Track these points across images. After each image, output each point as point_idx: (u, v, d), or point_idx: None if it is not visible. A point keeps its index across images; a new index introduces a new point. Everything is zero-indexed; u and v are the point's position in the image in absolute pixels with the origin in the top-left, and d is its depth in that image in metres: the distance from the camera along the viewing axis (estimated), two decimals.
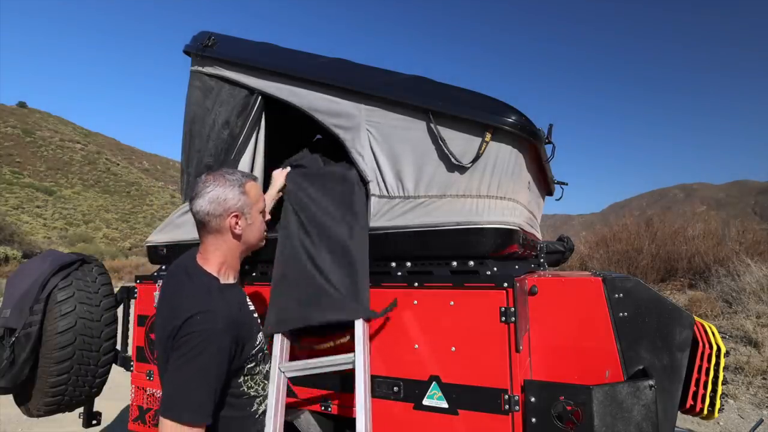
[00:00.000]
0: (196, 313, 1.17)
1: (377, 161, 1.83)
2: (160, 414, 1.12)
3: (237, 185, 1.33)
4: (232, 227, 1.32)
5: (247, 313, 1.37)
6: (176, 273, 1.35)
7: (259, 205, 1.41)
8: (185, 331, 1.15)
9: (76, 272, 2.18)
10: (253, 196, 1.38)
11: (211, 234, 1.32)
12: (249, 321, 1.36)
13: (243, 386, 1.32)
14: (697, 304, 6.68)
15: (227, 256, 1.35)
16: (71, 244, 38.37)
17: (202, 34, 2.28)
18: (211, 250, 1.33)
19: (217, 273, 1.33)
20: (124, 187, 71.07)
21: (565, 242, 3.08)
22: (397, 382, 1.66)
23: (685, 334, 1.72)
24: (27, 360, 1.97)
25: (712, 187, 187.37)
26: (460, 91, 1.73)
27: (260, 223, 1.43)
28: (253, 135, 2.14)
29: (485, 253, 1.65)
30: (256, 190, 1.41)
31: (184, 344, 1.14)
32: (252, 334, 1.34)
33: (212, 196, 1.29)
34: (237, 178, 1.35)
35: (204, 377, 1.14)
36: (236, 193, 1.32)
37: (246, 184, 1.36)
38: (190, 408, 1.11)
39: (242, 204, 1.33)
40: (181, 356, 1.13)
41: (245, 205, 1.34)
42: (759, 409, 4.17)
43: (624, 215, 11.44)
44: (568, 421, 1.46)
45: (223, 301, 1.25)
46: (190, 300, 1.22)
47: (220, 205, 1.29)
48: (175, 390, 1.13)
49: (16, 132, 67.87)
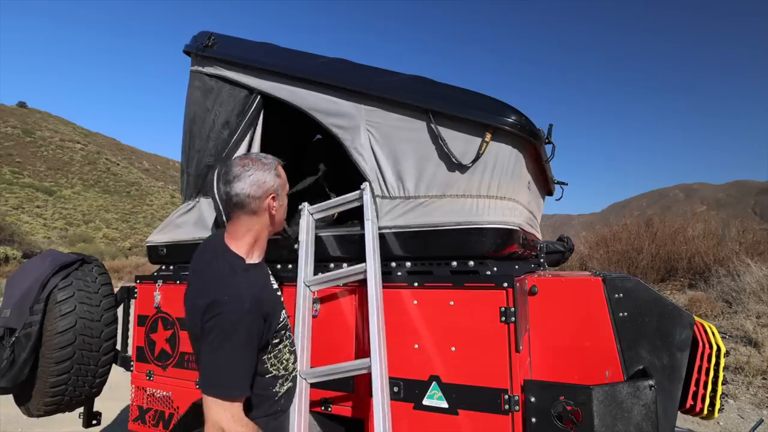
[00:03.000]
0: (223, 296, 1.22)
1: (377, 161, 1.84)
2: (205, 393, 1.17)
3: (272, 168, 1.40)
4: (270, 208, 1.39)
5: (271, 291, 1.41)
6: (206, 249, 1.40)
7: (287, 188, 1.48)
8: (213, 312, 1.19)
9: (76, 272, 2.18)
10: (283, 178, 1.45)
11: (246, 215, 1.37)
12: (273, 298, 1.39)
13: (267, 363, 1.35)
14: (697, 304, 6.68)
15: (259, 235, 1.40)
16: (71, 244, 38.37)
17: (202, 34, 2.28)
18: (243, 231, 1.37)
19: (245, 253, 1.37)
20: (124, 187, 71.06)
21: (565, 242, 3.08)
22: (397, 382, 1.66)
23: (685, 334, 1.72)
24: (27, 360, 1.97)
25: (712, 187, 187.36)
26: (460, 91, 1.73)
27: (286, 206, 1.50)
28: (248, 133, 2.14)
29: (485, 253, 1.65)
30: (283, 173, 1.47)
31: (216, 326, 1.19)
32: (276, 310, 1.38)
33: (253, 179, 1.34)
34: (270, 162, 1.41)
35: (242, 353, 1.20)
36: (272, 175, 1.39)
37: (278, 167, 1.43)
38: (235, 384, 1.18)
39: (277, 186, 1.40)
40: (215, 338, 1.18)
41: (279, 186, 1.41)
42: (759, 409, 4.17)
43: (624, 215, 11.44)
44: (568, 421, 1.46)
45: (247, 281, 1.29)
46: (216, 280, 1.27)
47: (260, 188, 1.35)
48: (218, 369, 1.18)
49: (16, 132, 67.86)
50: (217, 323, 1.19)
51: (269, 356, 1.36)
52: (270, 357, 1.36)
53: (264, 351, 1.33)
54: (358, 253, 1.86)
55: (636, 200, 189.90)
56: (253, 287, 1.30)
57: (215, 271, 1.30)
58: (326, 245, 1.93)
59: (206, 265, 1.33)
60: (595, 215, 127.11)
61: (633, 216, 11.56)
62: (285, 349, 1.43)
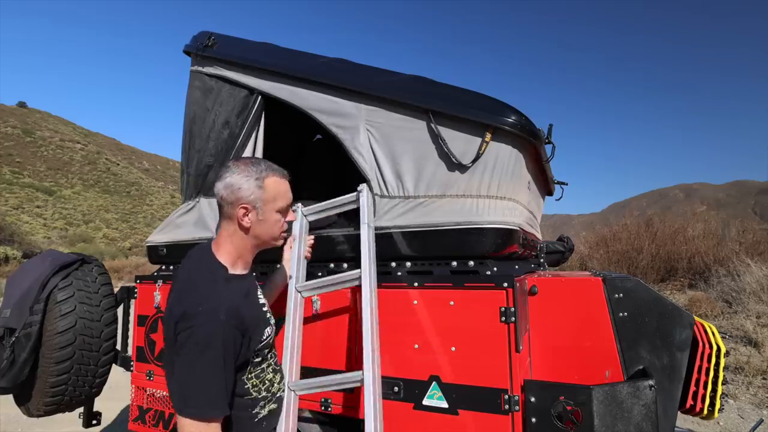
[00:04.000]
0: (197, 306, 1.15)
1: (377, 161, 1.83)
2: (178, 412, 1.10)
3: (255, 177, 1.27)
4: (240, 218, 1.28)
5: (254, 305, 1.34)
6: (193, 254, 1.34)
7: (277, 204, 1.32)
8: (187, 324, 1.13)
9: (76, 272, 2.18)
10: (270, 192, 1.30)
11: (224, 220, 1.31)
12: (256, 314, 1.31)
13: (247, 383, 1.28)
14: (697, 304, 6.68)
15: (238, 246, 1.32)
16: (71, 244, 38.38)
17: (202, 34, 2.28)
18: (224, 236, 1.31)
19: (228, 262, 1.30)
20: (124, 187, 71.06)
21: (565, 242, 3.08)
22: (397, 382, 1.66)
23: (685, 334, 1.72)
24: (27, 360, 1.97)
25: (712, 187, 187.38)
26: (460, 91, 1.73)
27: (275, 222, 1.34)
28: (253, 135, 2.14)
29: (485, 253, 1.65)
30: (276, 186, 1.32)
31: (189, 340, 1.11)
32: (259, 327, 1.30)
33: (228, 181, 1.26)
34: (259, 170, 1.29)
35: (217, 370, 1.12)
36: (252, 185, 1.27)
37: (267, 178, 1.29)
38: (211, 403, 1.10)
39: (255, 198, 1.27)
40: (189, 353, 1.11)
41: (258, 199, 1.28)
42: (759, 409, 4.17)
43: (624, 215, 11.44)
44: (568, 421, 1.46)
45: (227, 291, 1.22)
46: (193, 289, 1.20)
47: (233, 193, 1.26)
48: (192, 387, 1.11)
49: (16, 132, 67.85)
50: (191, 336, 1.11)
51: (249, 375, 1.28)
52: (250, 377, 1.29)
53: (243, 370, 1.26)
54: (358, 254, 1.86)
55: (636, 200, 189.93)
56: (232, 299, 1.21)
57: (194, 279, 1.24)
58: (326, 245, 1.93)
59: (187, 272, 1.27)
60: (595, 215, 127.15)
61: (633, 216, 11.56)
62: (268, 369, 1.36)
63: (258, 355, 1.30)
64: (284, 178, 1.36)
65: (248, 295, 1.32)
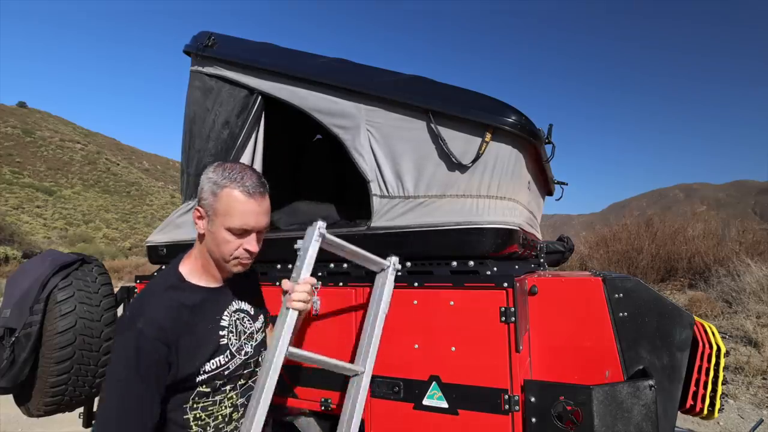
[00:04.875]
0: (125, 314, 1.09)
1: (377, 161, 1.83)
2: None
3: (214, 182, 1.14)
4: (195, 220, 1.19)
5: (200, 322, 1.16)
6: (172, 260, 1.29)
7: (227, 221, 1.13)
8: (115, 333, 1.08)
9: (76, 272, 2.17)
10: (221, 206, 1.13)
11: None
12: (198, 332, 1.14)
13: (189, 414, 1.13)
14: (697, 304, 6.69)
15: (201, 255, 1.22)
16: (71, 244, 38.40)
17: (202, 34, 2.28)
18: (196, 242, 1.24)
19: (188, 269, 1.22)
20: (124, 187, 71.09)
21: (565, 242, 3.08)
22: (397, 382, 1.66)
23: (685, 334, 1.72)
24: (27, 360, 1.97)
25: (712, 187, 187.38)
26: (460, 91, 1.73)
27: (223, 241, 1.15)
28: (253, 135, 2.14)
29: (485, 253, 1.65)
30: (231, 201, 1.13)
31: (113, 349, 1.06)
32: (199, 349, 1.13)
33: (202, 178, 1.17)
34: (224, 176, 1.14)
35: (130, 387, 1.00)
36: (208, 188, 1.15)
37: (225, 188, 1.13)
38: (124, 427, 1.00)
39: (207, 204, 1.15)
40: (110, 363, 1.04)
41: (210, 208, 1.15)
42: (759, 409, 4.17)
43: (624, 215, 11.45)
44: (568, 421, 1.46)
45: (158, 299, 1.12)
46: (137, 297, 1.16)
47: (199, 191, 1.17)
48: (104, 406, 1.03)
49: (16, 132, 67.87)
50: (114, 345, 1.04)
51: (194, 406, 1.14)
52: (195, 407, 1.14)
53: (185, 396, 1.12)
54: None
55: (636, 200, 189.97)
56: (158, 308, 1.09)
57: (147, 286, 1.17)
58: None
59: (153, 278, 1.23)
60: (595, 215, 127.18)
61: (633, 216, 11.57)
62: (224, 403, 1.20)
63: (208, 385, 1.15)
64: (250, 196, 1.14)
65: (194, 310, 1.16)
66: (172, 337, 1.07)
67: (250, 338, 1.30)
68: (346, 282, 1.83)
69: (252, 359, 1.29)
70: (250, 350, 1.28)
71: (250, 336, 1.30)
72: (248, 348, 1.28)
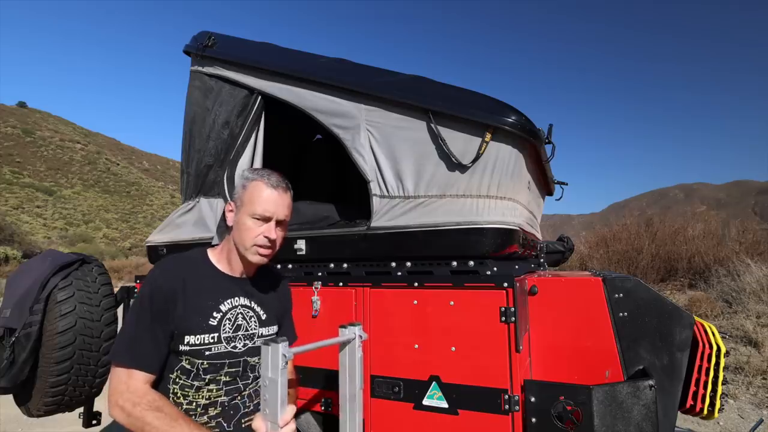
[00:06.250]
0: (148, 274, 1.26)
1: (377, 161, 1.83)
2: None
3: (245, 178, 1.29)
4: (226, 213, 1.34)
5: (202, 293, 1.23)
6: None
7: (250, 209, 1.23)
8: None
9: (76, 272, 2.17)
10: (247, 196, 1.25)
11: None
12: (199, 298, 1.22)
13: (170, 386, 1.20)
14: (697, 304, 6.68)
15: (228, 245, 1.32)
16: (71, 244, 38.38)
17: (202, 34, 2.28)
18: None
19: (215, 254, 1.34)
20: (124, 187, 71.08)
21: (565, 242, 3.08)
22: (397, 382, 1.66)
23: (685, 334, 1.72)
24: (27, 360, 1.97)
25: (712, 187, 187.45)
26: (460, 91, 1.73)
27: (247, 228, 1.24)
28: (253, 135, 2.14)
29: (485, 253, 1.65)
30: (256, 190, 1.24)
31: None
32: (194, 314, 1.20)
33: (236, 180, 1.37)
34: (255, 173, 1.29)
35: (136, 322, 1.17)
36: (240, 183, 1.30)
37: (251, 182, 1.26)
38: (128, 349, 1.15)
39: (238, 196, 1.29)
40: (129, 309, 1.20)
41: (239, 198, 1.27)
42: (759, 409, 4.17)
43: (624, 215, 11.45)
44: (568, 421, 1.46)
45: (180, 261, 1.27)
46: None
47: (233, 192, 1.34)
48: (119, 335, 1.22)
49: (16, 132, 67.87)
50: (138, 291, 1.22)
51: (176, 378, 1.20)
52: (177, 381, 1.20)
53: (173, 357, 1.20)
54: (358, 254, 1.86)
55: (636, 200, 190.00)
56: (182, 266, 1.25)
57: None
58: (326, 245, 1.93)
59: None
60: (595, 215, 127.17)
61: (633, 216, 11.56)
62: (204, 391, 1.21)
63: (188, 362, 1.20)
64: (273, 188, 1.25)
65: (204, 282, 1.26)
66: (180, 285, 1.21)
67: (249, 338, 1.30)
68: (346, 282, 1.83)
69: (243, 358, 1.28)
70: (242, 348, 1.28)
71: (249, 336, 1.30)
72: (240, 345, 1.28)
